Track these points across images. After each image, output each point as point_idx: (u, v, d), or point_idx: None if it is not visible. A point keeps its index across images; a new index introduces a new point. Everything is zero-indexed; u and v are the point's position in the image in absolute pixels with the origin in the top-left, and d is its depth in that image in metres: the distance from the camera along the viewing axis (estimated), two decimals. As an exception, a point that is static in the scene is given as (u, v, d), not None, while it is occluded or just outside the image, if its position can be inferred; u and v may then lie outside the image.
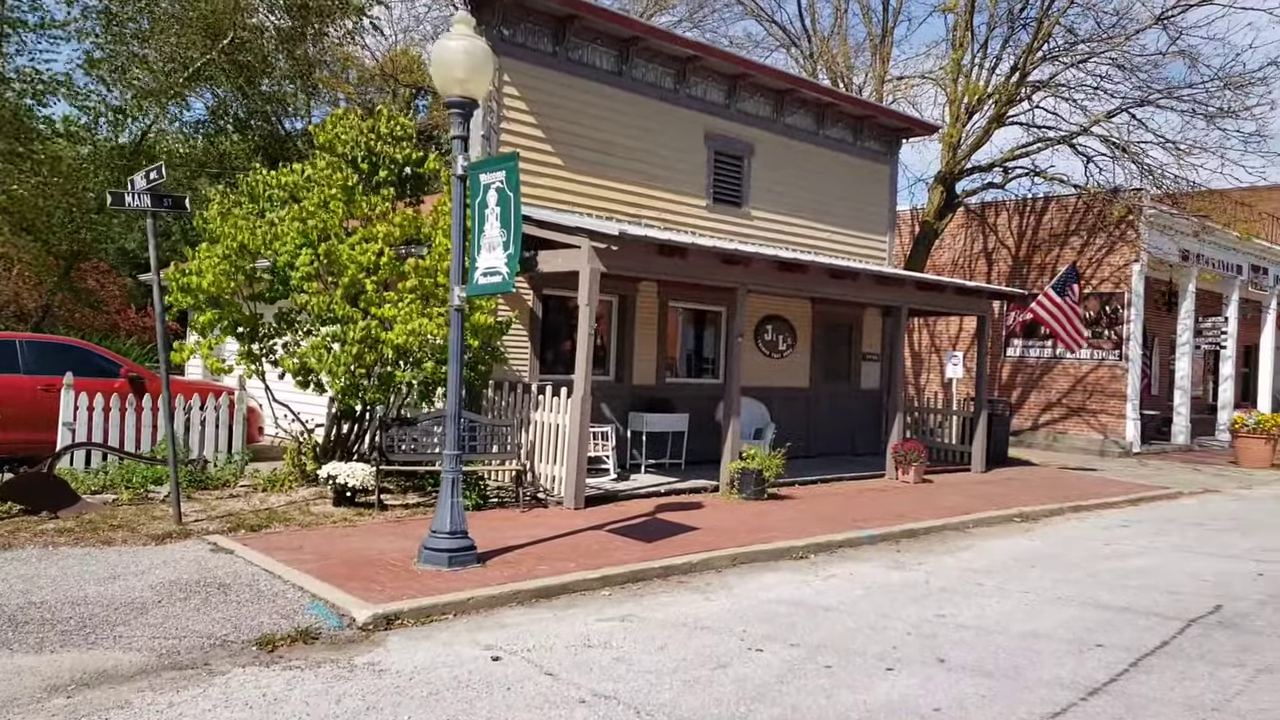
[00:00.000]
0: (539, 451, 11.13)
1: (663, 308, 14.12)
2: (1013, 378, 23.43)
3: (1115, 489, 14.95)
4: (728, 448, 12.17)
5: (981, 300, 16.02)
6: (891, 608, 7.31)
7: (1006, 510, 12.13)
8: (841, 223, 16.57)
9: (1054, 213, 22.74)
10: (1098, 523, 12.00)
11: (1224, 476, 17.81)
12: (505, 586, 7.23)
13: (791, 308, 16.09)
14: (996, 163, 20.05)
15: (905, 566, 8.93)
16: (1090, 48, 18.23)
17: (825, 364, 16.84)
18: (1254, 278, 25.15)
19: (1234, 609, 7.53)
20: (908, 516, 11.27)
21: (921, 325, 25.61)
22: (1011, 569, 8.93)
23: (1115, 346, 21.53)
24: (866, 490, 13.39)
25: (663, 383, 14.13)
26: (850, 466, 15.29)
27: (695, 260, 11.44)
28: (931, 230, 19.47)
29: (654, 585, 7.83)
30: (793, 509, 11.40)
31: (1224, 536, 11.19)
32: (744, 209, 15.02)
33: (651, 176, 13.78)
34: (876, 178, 17.20)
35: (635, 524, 9.88)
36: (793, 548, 9.27)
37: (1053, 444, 22.19)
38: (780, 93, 15.22)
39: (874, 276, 13.86)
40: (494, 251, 7.52)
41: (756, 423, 14.50)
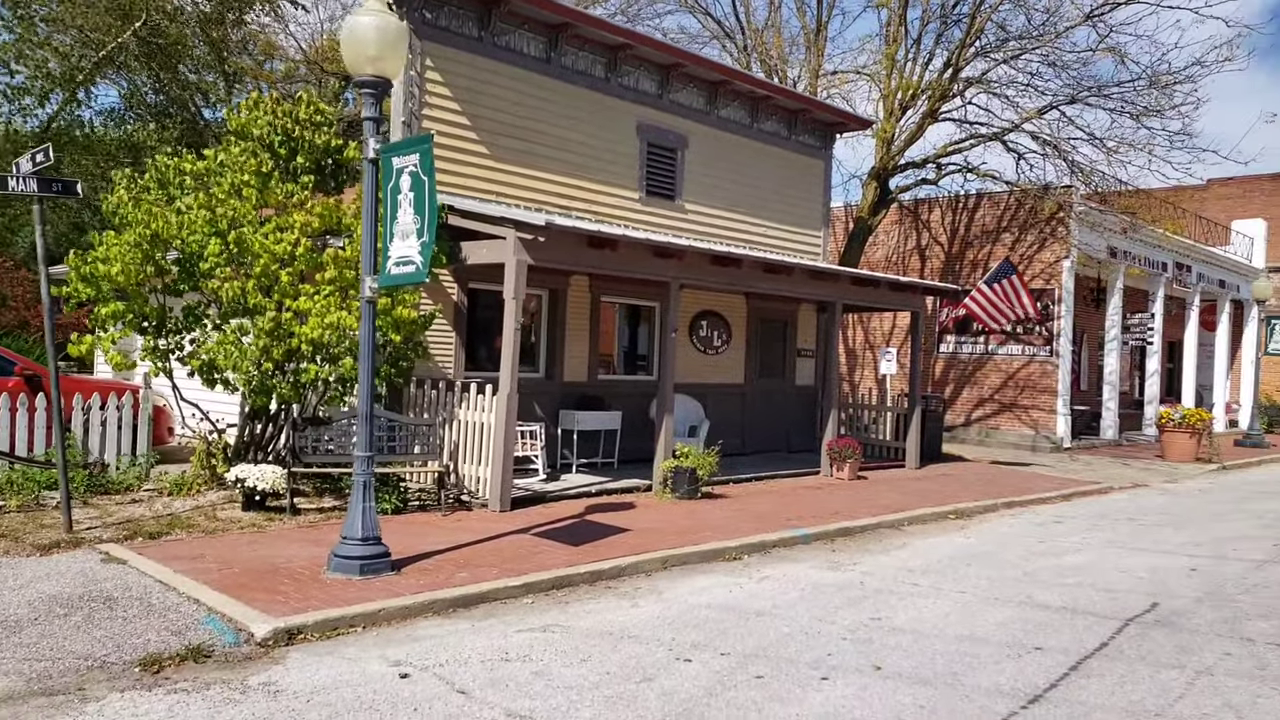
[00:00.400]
0: (463, 452, 10.67)
1: (595, 302, 13.73)
2: (946, 374, 23.56)
3: (1048, 484, 14.98)
4: (661, 446, 11.84)
5: (915, 296, 15.95)
6: (826, 611, 7.04)
7: (941, 507, 12.01)
8: (776, 217, 16.37)
9: (986, 209, 22.89)
10: (1032, 519, 11.95)
11: (1152, 470, 18.04)
12: (420, 596, 6.78)
13: (726, 303, 15.83)
14: (930, 159, 20.06)
15: (840, 567, 8.69)
16: (1021, 45, 18.32)
17: (760, 360, 16.62)
18: (1178, 275, 25.67)
19: (1170, 607, 7.42)
20: (843, 515, 11.07)
21: (856, 322, 25.63)
22: (948, 568, 8.74)
23: (1046, 342, 21.74)
24: (802, 488, 13.18)
25: (595, 379, 13.75)
26: (786, 464, 15.09)
27: (626, 253, 11.08)
28: (865, 226, 19.40)
29: (580, 592, 7.45)
30: (727, 508, 11.12)
31: (1156, 532, 11.20)
32: (677, 202, 14.71)
33: (583, 168, 13.39)
34: (811, 172, 17.03)
35: (563, 527, 9.49)
36: (726, 549, 8.97)
37: (985, 439, 22.34)
38: (714, 84, 14.94)
39: (808, 271, 13.65)
40: (407, 240, 7.06)
41: (691, 420, 14.20)
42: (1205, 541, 10.53)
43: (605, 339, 14.21)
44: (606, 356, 14.28)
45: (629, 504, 11.01)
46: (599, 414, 13.02)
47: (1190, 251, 26.12)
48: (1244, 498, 14.77)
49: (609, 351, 14.35)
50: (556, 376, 13.21)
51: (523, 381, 12.61)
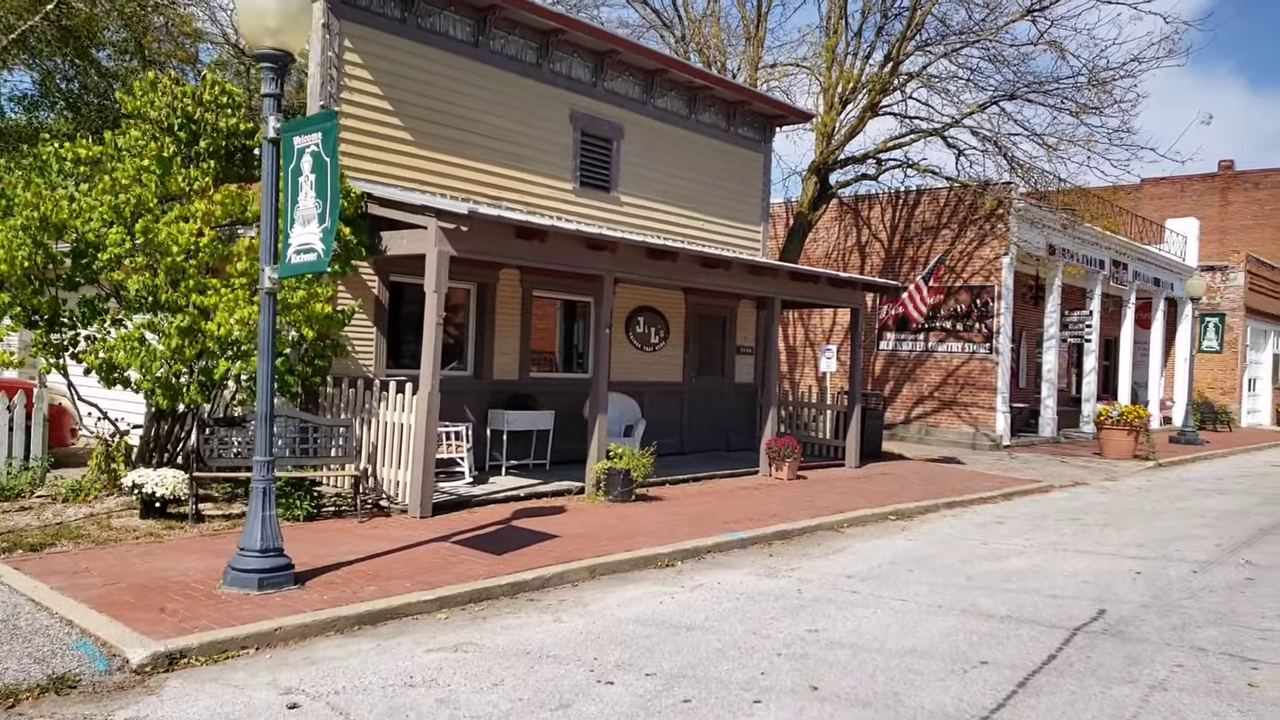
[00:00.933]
0: (382, 454, 10.07)
1: (527, 297, 13.19)
2: (886, 371, 23.44)
3: (988, 483, 14.82)
4: (594, 447, 11.36)
5: (855, 292, 15.68)
6: (761, 623, 6.63)
7: (882, 508, 11.71)
8: (715, 211, 15.98)
9: (926, 206, 22.81)
10: (974, 519, 11.71)
11: (1090, 468, 18.04)
12: (322, 613, 6.21)
13: (664, 299, 15.40)
14: (870, 154, 19.85)
15: (777, 573, 8.29)
16: (962, 39, 18.19)
17: (699, 357, 16.23)
18: (1115, 273, 25.90)
19: (1118, 614, 7.15)
20: (781, 516, 10.70)
21: (796, 319, 25.42)
22: (888, 573, 8.40)
23: (986, 340, 21.71)
24: (740, 489, 12.80)
25: (526, 377, 13.21)
26: (724, 463, 14.71)
27: (556, 245, 10.57)
28: (805, 221, 19.12)
29: (499, 605, 6.94)
30: (662, 511, 10.68)
31: (1097, 532, 11.02)
32: (613, 194, 14.23)
33: (514, 157, 12.84)
34: (750, 166, 16.68)
35: (486, 533, 8.96)
36: (658, 555, 8.51)
37: (925, 437, 22.26)
38: (650, 73, 14.49)
39: (747, 266, 13.27)
40: (309, 226, 6.48)
41: (627, 419, 13.74)
42: (1147, 542, 10.37)
43: (538, 335, 13.68)
44: (540, 354, 13.75)
45: (559, 508, 10.50)
46: (530, 413, 12.50)
47: (1127, 250, 26.38)
48: (1181, 495, 14.76)
49: (542, 348, 13.82)
50: (486, 374, 12.65)
51: (449, 380, 12.04)
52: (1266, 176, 43.24)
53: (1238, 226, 42.81)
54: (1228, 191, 43.71)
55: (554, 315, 14.07)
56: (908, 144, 19.86)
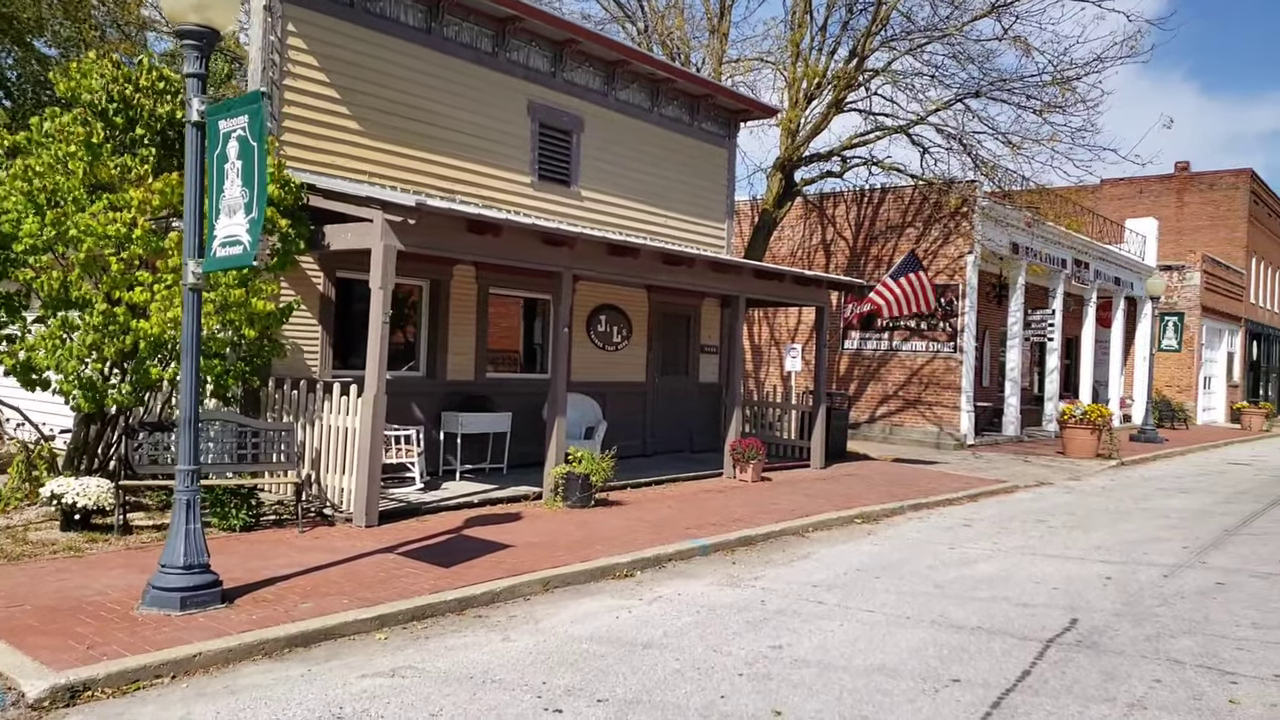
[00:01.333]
0: (326, 460, 9.58)
1: (482, 294, 12.74)
2: (850, 370, 23.24)
3: (954, 484, 14.60)
4: (552, 450, 10.94)
5: (820, 290, 15.40)
6: (722, 638, 6.26)
7: (847, 511, 11.41)
8: (678, 207, 15.62)
9: (891, 204, 22.63)
10: (940, 522, 11.44)
11: (1054, 468, 17.93)
12: (248, 635, 5.75)
13: (626, 297, 15.02)
14: (835, 151, 19.60)
15: (740, 582, 7.93)
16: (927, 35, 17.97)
17: (663, 357, 15.87)
18: (1077, 272, 25.92)
19: (1090, 623, 6.87)
20: (744, 521, 10.35)
21: (761, 318, 25.16)
22: (855, 581, 8.08)
23: (950, 338, 21.57)
24: (703, 491, 12.45)
25: (483, 378, 12.75)
26: (688, 465, 14.36)
27: (511, 240, 10.14)
28: (770, 219, 18.82)
29: (445, 623, 6.51)
30: (622, 517, 10.29)
31: (1064, 534, 10.80)
32: (573, 188, 13.81)
33: (469, 149, 12.38)
34: (714, 161, 16.34)
35: (435, 544, 8.51)
36: (616, 565, 8.12)
37: (890, 436, 22.08)
38: (611, 64, 14.08)
39: (710, 263, 12.92)
40: (234, 216, 6.01)
41: (587, 421, 13.33)
42: (1114, 545, 10.15)
43: (495, 334, 13.23)
44: (497, 353, 13.30)
45: (515, 515, 10.08)
46: (486, 415, 12.05)
47: (1088, 249, 26.42)
48: (1145, 495, 14.64)
49: (500, 348, 13.37)
50: (439, 375, 12.18)
51: (401, 381, 11.58)
52: (1221, 178, 43.76)
53: (1193, 227, 43.27)
54: (1184, 192, 44.17)
55: (512, 313, 13.63)
56: (873, 141, 19.65)
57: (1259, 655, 6.17)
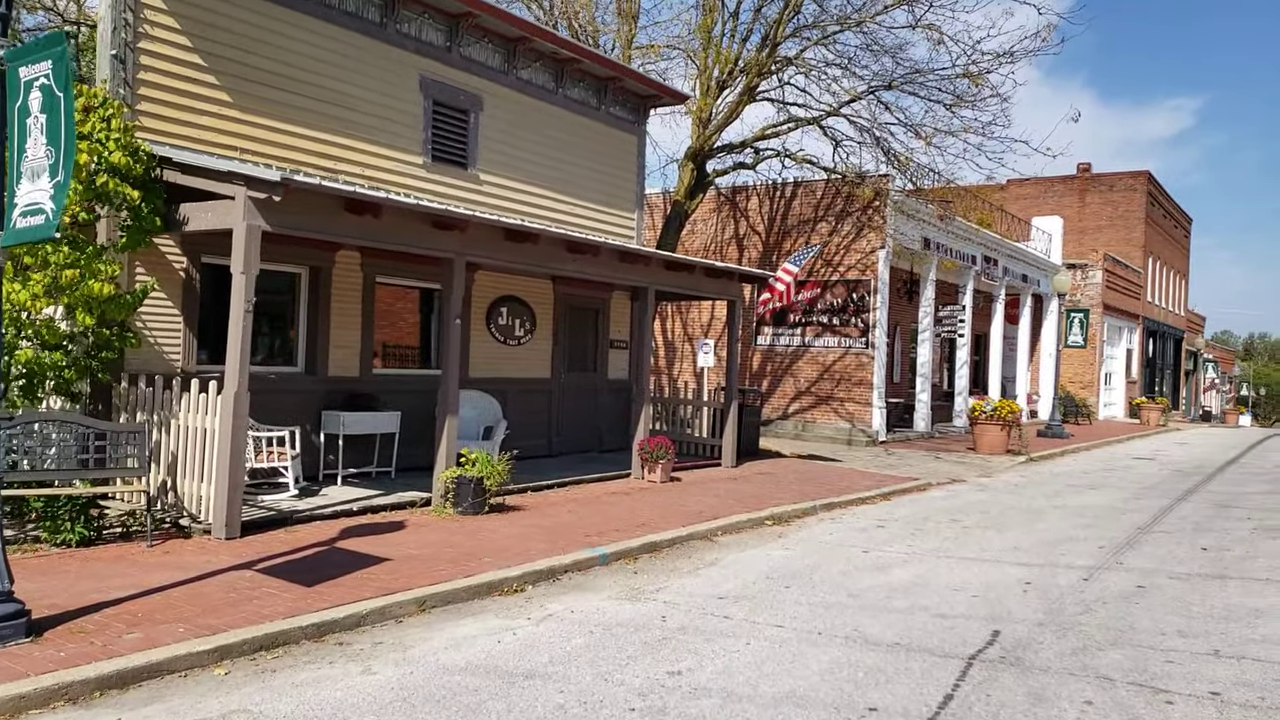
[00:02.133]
0: (183, 464, 8.59)
1: (368, 283, 11.81)
2: (764, 366, 22.86)
3: (866, 482, 14.23)
4: (442, 452, 10.11)
5: (732, 283, 14.87)
6: (616, 664, 5.58)
7: (758, 512, 10.87)
8: (586, 195, 14.90)
9: (803, 198, 22.30)
10: (853, 523, 10.98)
11: (966, 464, 17.77)
12: (47, 678, 4.83)
13: (530, 288, 14.23)
14: (748, 141, 19.12)
15: (641, 595, 7.27)
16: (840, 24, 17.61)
17: (569, 352, 15.13)
18: (986, 268, 26.05)
19: (1013, 636, 6.39)
20: (650, 525, 9.70)
21: (674, 313, 24.61)
22: (764, 592, 7.48)
23: (862, 334, 21.34)
24: (609, 494, 11.76)
25: (369, 374, 11.83)
26: (595, 466, 13.67)
27: (395, 222, 9.28)
28: (682, 210, 18.24)
29: (299, 652, 5.68)
30: (518, 523, 9.53)
31: (980, 535, 10.43)
32: (471, 171, 12.96)
33: (354, 125, 11.44)
34: (623, 148, 15.67)
35: (302, 558, 7.63)
36: (506, 579, 7.37)
37: (802, 433, 21.76)
38: (512, 41, 13.27)
39: (618, 253, 12.24)
40: (38, 180, 5.07)
41: (486, 420, 12.52)
42: (1031, 546, 9.81)
43: (384, 327, 12.32)
44: (386, 347, 12.39)
45: (398, 524, 9.23)
46: (372, 415, 11.14)
47: (998, 246, 26.59)
48: (1057, 492, 14.50)
49: (389, 341, 12.45)
50: (320, 370, 11.22)
51: (278, 377, 10.61)
52: (1120, 179, 45.02)
53: (1094, 227, 44.42)
54: (1085, 193, 45.31)
55: (404, 304, 12.72)
56: (785, 133, 19.24)
57: (1190, 669, 5.75)
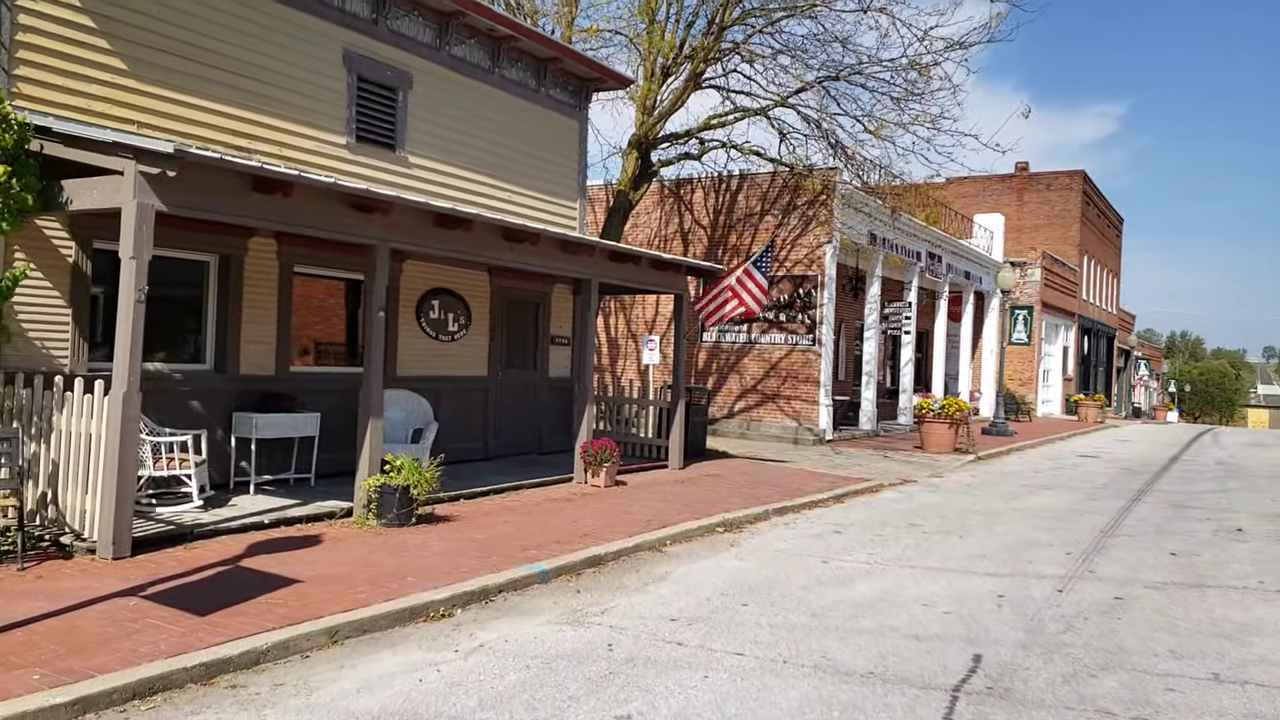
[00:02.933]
0: (65, 475, 7.61)
1: (286, 272, 10.85)
2: (709, 364, 22.25)
3: (818, 483, 13.66)
4: (364, 457, 9.24)
5: (679, 276, 14.18)
6: (556, 707, 4.83)
7: (709, 519, 10.20)
8: (525, 183, 14.07)
9: (749, 191, 21.73)
10: (809, 529, 10.37)
11: (915, 463, 17.35)
12: None
13: (464, 280, 13.37)
14: (693, 131, 18.45)
15: (584, 619, 6.53)
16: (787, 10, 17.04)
17: (507, 348, 14.30)
18: (931, 265, 25.79)
19: (997, 661, 5.79)
20: (594, 536, 8.97)
21: (618, 308, 23.89)
22: (720, 611, 6.80)
23: (809, 330, 20.84)
24: (550, 501, 10.99)
25: (286, 372, 10.88)
26: (535, 470, 12.88)
27: (308, 203, 8.38)
28: (626, 201, 17.50)
29: (182, 700, 4.82)
30: (449, 536, 8.71)
31: (941, 541, 9.89)
32: (399, 154, 12.06)
33: (270, 100, 10.48)
34: (565, 133, 14.87)
35: (200, 581, 6.73)
36: (431, 603, 6.56)
37: (747, 432, 21.19)
38: (445, 15, 12.39)
39: (558, 241, 11.46)
40: None
41: (415, 422, 11.64)
42: (996, 553, 9.29)
43: (305, 321, 11.37)
44: (306, 343, 11.44)
45: (314, 538, 8.35)
46: (289, 416, 10.21)
47: (942, 242, 26.36)
48: (1012, 493, 14.09)
49: (310, 337, 11.51)
50: (231, 368, 10.24)
51: (183, 376, 9.66)
52: (1057, 179, 45.48)
53: (1031, 225, 44.79)
54: (1023, 192, 45.68)
55: (327, 296, 11.78)
56: (731, 123, 18.60)
57: (1194, 699, 5.21)
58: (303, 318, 11.28)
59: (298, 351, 11.20)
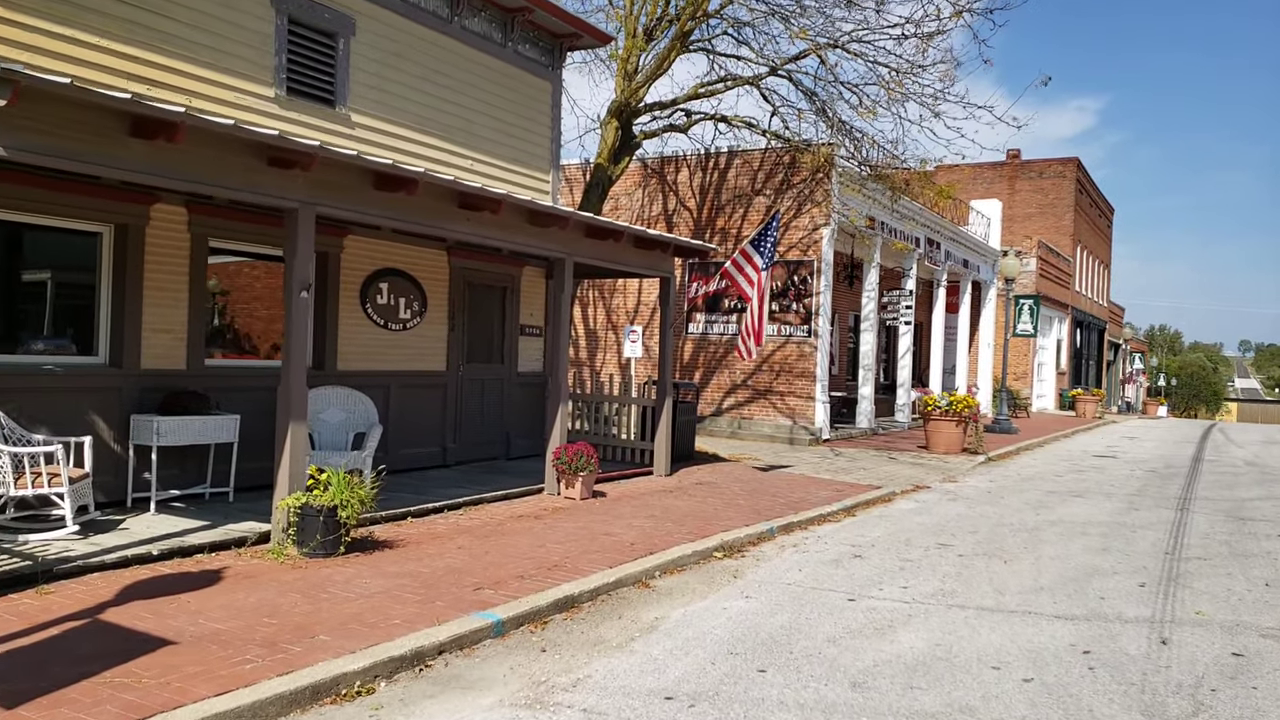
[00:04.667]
0: (-128, 500, 5.85)
1: (199, 248, 9.09)
2: (696, 357, 20.60)
3: (824, 491, 12.06)
4: (284, 470, 7.51)
5: (665, 256, 12.52)
6: None
7: (704, 541, 8.56)
8: (489, 150, 12.35)
9: (739, 169, 20.08)
10: (823, 553, 8.74)
11: (923, 465, 15.79)
12: None
13: (418, 259, 11.66)
14: (679, 100, 16.76)
15: (549, 696, 4.86)
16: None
17: (471, 339, 12.60)
18: (930, 252, 24.24)
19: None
20: (566, 567, 7.31)
21: (597, 298, 22.19)
22: (730, 683, 5.15)
23: (804, 321, 19.22)
24: (516, 518, 9.31)
25: (201, 366, 9.13)
26: (501, 479, 11.21)
27: (205, 153, 6.63)
28: (605, 176, 15.78)
29: None
30: (385, 570, 7.02)
31: (984, 568, 8.30)
32: (340, 111, 10.32)
33: (179, 42, 8.70)
34: (536, 96, 13.16)
35: (32, 646, 5.01)
36: (343, 677, 4.87)
37: (738, 431, 19.56)
38: (395, -50, 10.66)
39: (524, 211, 9.76)
40: None
41: (356, 425, 9.91)
42: (1054, 584, 7.70)
43: (224, 305, 9.62)
44: (228, 332, 9.70)
45: (213, 575, 6.63)
46: (200, 420, 8.47)
47: (941, 228, 24.83)
48: (1040, 502, 12.54)
49: (230, 325, 9.76)
50: (129, 362, 8.48)
51: (66, 370, 7.93)
52: (1049, 166, 44.15)
53: (1024, 214, 43.43)
54: (1015, 180, 44.34)
55: (251, 276, 10.03)
56: (721, 92, 16.92)
57: None
58: (223, 302, 9.53)
59: (216, 342, 9.46)
